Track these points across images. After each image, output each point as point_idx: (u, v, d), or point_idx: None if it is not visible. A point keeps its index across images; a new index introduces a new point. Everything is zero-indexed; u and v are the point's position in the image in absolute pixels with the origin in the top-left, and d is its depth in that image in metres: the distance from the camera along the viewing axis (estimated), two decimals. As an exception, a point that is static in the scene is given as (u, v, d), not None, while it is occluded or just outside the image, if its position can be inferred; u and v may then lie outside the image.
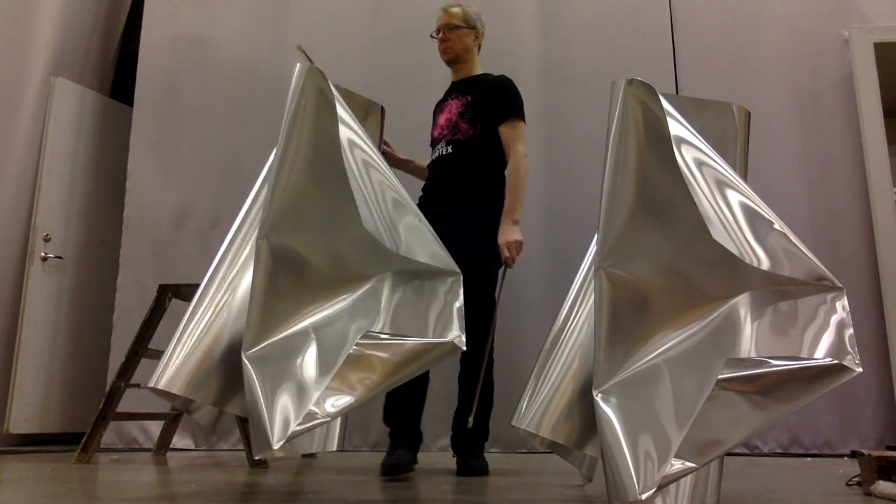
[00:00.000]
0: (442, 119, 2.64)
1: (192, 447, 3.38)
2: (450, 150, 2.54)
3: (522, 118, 2.56)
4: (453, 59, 2.66)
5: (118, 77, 4.33)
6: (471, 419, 2.22)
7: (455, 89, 2.67)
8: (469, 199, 2.49)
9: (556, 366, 1.75)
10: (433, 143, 2.66)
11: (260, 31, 3.85)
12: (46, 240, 3.66)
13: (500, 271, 2.45)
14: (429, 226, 1.88)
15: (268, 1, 3.89)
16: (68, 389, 3.70)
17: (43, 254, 3.64)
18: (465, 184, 2.50)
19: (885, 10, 3.62)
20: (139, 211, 3.66)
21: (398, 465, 2.22)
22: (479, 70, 2.71)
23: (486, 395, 2.47)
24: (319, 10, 3.87)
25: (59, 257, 3.72)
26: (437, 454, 3.21)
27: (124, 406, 2.86)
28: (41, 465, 2.59)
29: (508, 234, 2.41)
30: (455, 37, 2.63)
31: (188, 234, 3.59)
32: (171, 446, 3.19)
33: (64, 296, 3.74)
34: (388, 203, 1.86)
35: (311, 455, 2.98)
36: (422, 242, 1.84)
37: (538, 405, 1.71)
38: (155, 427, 3.31)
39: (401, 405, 2.40)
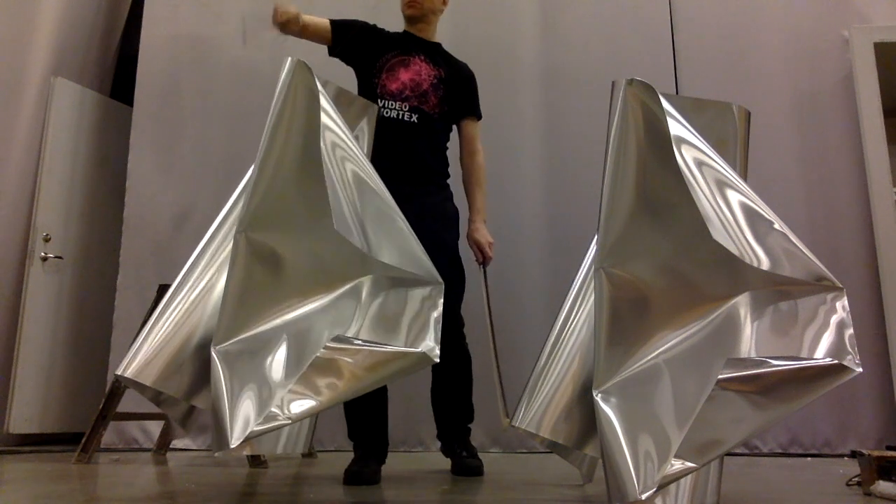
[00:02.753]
0: (406, 76, 2.40)
1: (192, 447, 3.38)
2: (415, 119, 2.37)
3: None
4: (419, 15, 2.48)
5: (118, 77, 4.33)
6: (506, 420, 2.15)
7: (421, 49, 2.48)
8: (432, 181, 2.44)
9: (556, 366, 1.75)
10: (387, 96, 2.38)
11: (260, 31, 3.84)
12: (46, 240, 3.66)
13: (481, 270, 2.50)
14: (410, 229, 1.85)
15: (268, 1, 3.88)
16: (68, 389, 3.69)
17: (43, 254, 3.64)
18: (429, 164, 2.42)
19: (885, 10, 3.62)
20: (139, 211, 3.65)
21: (360, 474, 2.09)
22: (437, 38, 2.59)
23: (466, 375, 2.46)
24: (319, 9, 3.86)
25: (59, 257, 3.72)
26: (437, 454, 3.21)
27: (124, 406, 2.86)
28: (41, 465, 2.59)
29: (486, 233, 2.47)
30: None
31: (188, 234, 3.59)
32: (171, 446, 3.19)
33: (64, 296, 3.74)
34: (368, 204, 1.83)
35: (311, 455, 2.98)
36: (404, 247, 1.81)
37: (538, 405, 1.70)
38: (155, 427, 3.31)
39: (364, 418, 2.27)
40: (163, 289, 2.82)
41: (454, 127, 2.59)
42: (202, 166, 3.69)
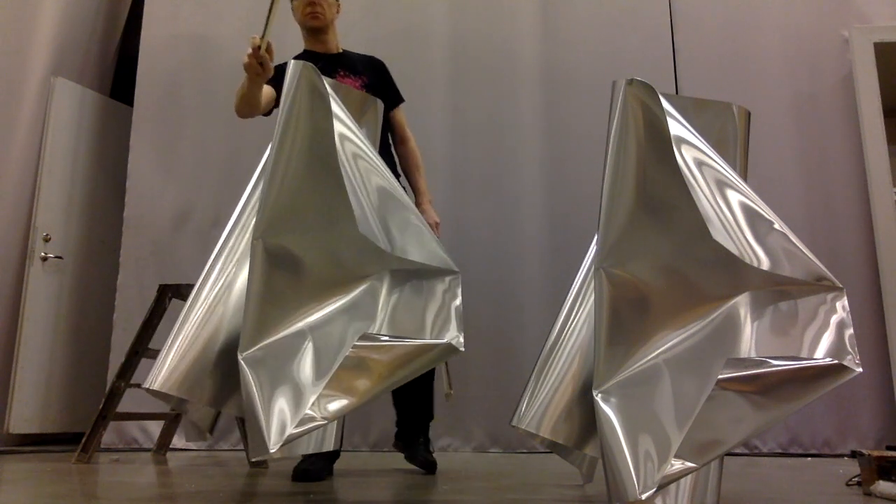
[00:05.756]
0: None
1: (193, 447, 3.38)
2: None
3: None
4: (323, 26, 2.49)
5: (118, 77, 4.33)
6: (451, 392, 2.23)
7: (338, 64, 2.49)
8: None
9: (556, 366, 1.74)
10: None
11: (260, 30, 3.84)
12: (46, 240, 3.66)
13: None
14: (424, 221, 1.87)
15: (268, 1, 3.88)
16: (68, 389, 3.70)
17: (43, 254, 3.64)
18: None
19: (885, 10, 3.62)
20: (139, 211, 3.66)
21: (308, 472, 2.15)
22: (341, 44, 2.59)
23: (426, 374, 2.44)
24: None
25: (59, 257, 3.72)
26: (435, 455, 3.21)
27: (124, 406, 2.86)
28: (41, 465, 2.59)
29: (433, 214, 2.48)
30: (326, 3, 2.48)
31: (188, 234, 3.59)
32: (171, 446, 3.19)
33: (64, 296, 3.74)
34: (380, 198, 1.84)
35: (311, 455, 2.97)
36: (419, 240, 1.82)
37: (538, 405, 1.70)
38: (155, 427, 3.31)
39: None
40: (163, 289, 2.82)
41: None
42: (202, 166, 3.69)
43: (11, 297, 3.57)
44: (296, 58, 2.49)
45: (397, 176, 2.53)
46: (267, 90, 2.40)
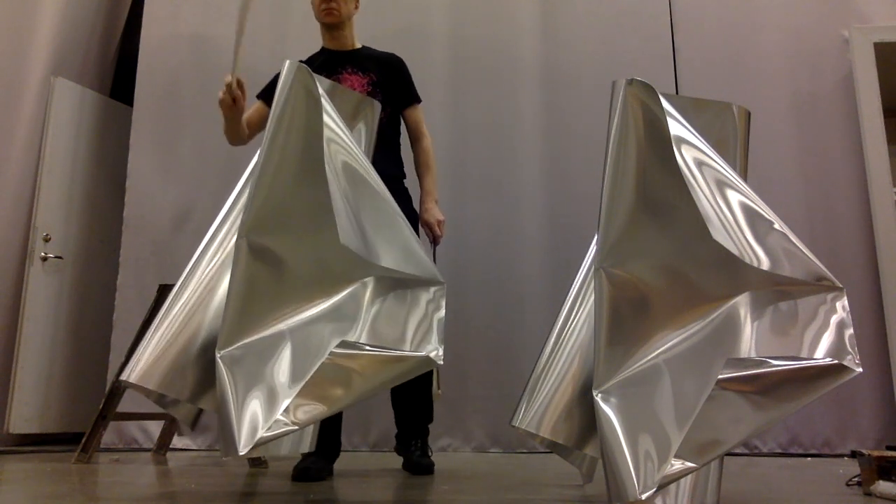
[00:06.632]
0: None
1: (193, 447, 3.38)
2: None
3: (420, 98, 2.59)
4: (338, 22, 2.47)
5: (118, 77, 4.33)
6: (439, 391, 2.21)
7: (347, 61, 2.48)
8: (388, 188, 2.30)
9: (556, 366, 1.75)
10: None
11: (260, 31, 3.84)
12: (46, 240, 3.66)
13: (431, 249, 2.48)
14: (411, 228, 1.86)
15: (268, 1, 3.88)
16: (68, 389, 3.70)
17: (43, 254, 3.64)
18: (383, 172, 2.22)
19: (885, 10, 3.62)
20: (139, 211, 3.66)
21: (307, 471, 2.14)
22: (357, 41, 2.57)
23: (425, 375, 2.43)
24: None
25: (59, 257, 3.72)
26: (435, 455, 3.21)
27: (124, 406, 2.86)
28: (41, 465, 2.60)
29: (436, 213, 2.47)
30: None
31: (188, 234, 3.59)
32: (171, 446, 3.19)
33: (64, 296, 3.74)
34: (366, 201, 1.83)
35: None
36: (406, 247, 1.82)
37: (538, 405, 1.70)
38: (155, 427, 3.31)
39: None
40: (163, 289, 2.82)
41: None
42: (202, 166, 3.69)
43: (11, 297, 3.57)
44: (311, 55, 2.52)
45: (403, 176, 2.52)
46: (263, 111, 2.48)
